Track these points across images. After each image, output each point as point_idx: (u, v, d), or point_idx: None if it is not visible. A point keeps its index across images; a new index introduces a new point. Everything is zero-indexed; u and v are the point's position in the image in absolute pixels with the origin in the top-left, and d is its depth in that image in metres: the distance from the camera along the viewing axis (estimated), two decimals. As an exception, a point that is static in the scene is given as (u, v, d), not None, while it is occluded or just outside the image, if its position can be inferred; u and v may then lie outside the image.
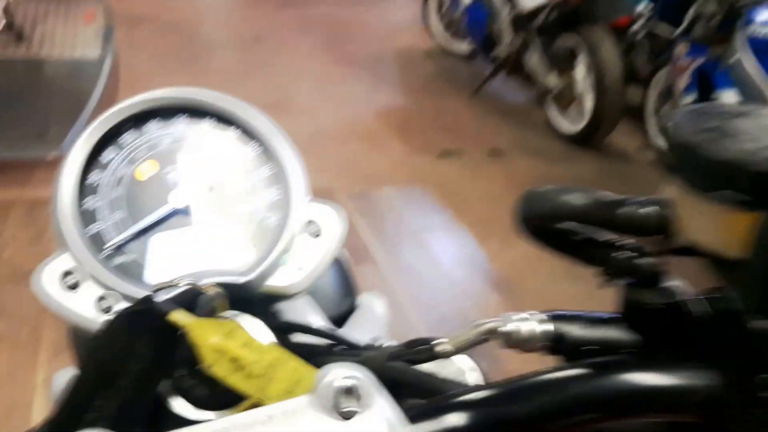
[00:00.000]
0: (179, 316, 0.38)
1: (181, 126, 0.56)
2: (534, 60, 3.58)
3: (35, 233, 2.35)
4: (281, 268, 0.53)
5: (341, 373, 0.32)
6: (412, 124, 3.64)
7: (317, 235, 0.54)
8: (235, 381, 0.37)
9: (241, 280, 0.50)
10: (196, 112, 0.56)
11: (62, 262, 0.49)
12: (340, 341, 0.50)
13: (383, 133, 3.51)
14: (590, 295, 1.80)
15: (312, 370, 0.37)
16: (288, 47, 4.48)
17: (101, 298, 0.49)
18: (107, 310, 0.49)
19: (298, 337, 0.51)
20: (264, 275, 0.52)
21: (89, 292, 0.49)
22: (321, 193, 0.54)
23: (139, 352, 0.38)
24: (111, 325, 0.39)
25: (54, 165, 0.51)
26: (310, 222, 0.54)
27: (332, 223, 0.55)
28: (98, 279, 0.49)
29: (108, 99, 2.92)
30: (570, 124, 3.45)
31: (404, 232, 2.66)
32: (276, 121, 0.55)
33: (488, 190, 2.97)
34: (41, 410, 1.70)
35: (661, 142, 3.21)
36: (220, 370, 0.37)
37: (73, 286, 0.49)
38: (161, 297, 0.40)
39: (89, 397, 0.38)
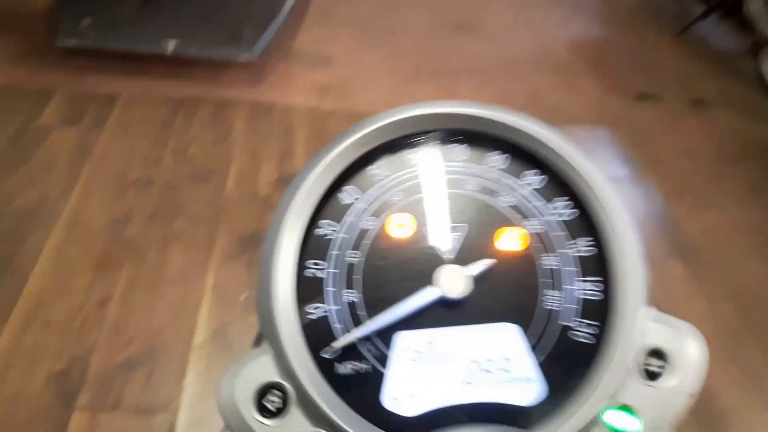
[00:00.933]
0: None
1: (458, 160, 0.41)
2: (757, 6, 3.14)
3: (220, 134, 2.39)
4: (596, 426, 0.37)
5: None
6: (607, 60, 3.35)
7: (657, 376, 0.37)
8: None
9: None
10: (480, 139, 0.41)
11: (263, 369, 0.36)
12: None
13: (575, 66, 3.25)
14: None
15: None
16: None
17: None
18: None
19: None
20: None
21: (296, 425, 0.35)
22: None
23: None
24: None
25: (244, 68, 0.40)
26: (651, 352, 0.37)
27: (687, 357, 0.38)
28: (314, 404, 0.35)
29: (302, 3, 2.90)
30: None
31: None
32: (460, 46, 0.41)
33: (685, 144, 2.68)
34: (207, 314, 1.75)
35: None
36: None
37: (277, 413, 0.35)
38: None
39: None
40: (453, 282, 0.38)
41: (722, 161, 2.62)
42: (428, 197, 0.40)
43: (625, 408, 0.36)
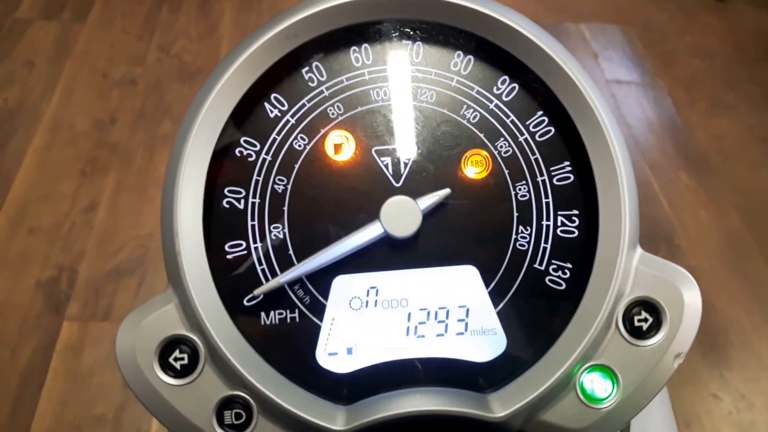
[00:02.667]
0: None
1: (412, 63, 0.32)
2: None
3: (207, 27, 2.28)
4: (568, 392, 0.30)
5: None
6: (622, -52, 3.16)
7: (643, 334, 0.30)
8: None
9: (498, 415, 0.29)
10: (439, 36, 0.32)
11: (168, 319, 0.30)
12: None
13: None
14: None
15: None
16: None
17: (226, 403, 0.29)
18: (236, 427, 0.29)
19: None
20: (538, 405, 0.30)
21: (206, 387, 0.29)
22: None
23: None
24: None
25: None
26: (635, 303, 0.31)
27: (678, 311, 0.31)
28: (227, 362, 0.29)
29: None
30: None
31: (595, 78, 2.29)
32: None
33: (703, 44, 2.55)
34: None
35: None
36: None
37: (184, 371, 0.29)
38: None
39: None
40: (400, 217, 0.31)
41: (740, 63, 2.49)
42: (374, 110, 0.33)
43: (602, 369, 0.31)
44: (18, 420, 1.30)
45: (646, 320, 0.31)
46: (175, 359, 0.30)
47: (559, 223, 0.33)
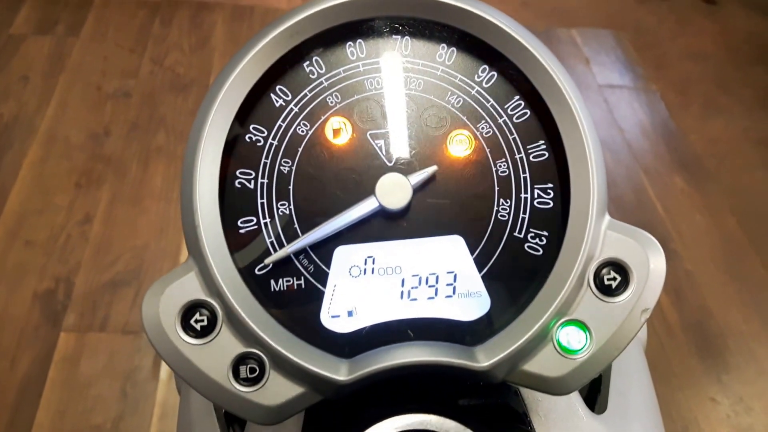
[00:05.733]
0: None
1: (401, 55, 0.37)
2: None
3: (199, 39, 2.29)
4: (545, 344, 0.34)
5: None
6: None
7: (612, 291, 0.34)
8: None
9: (483, 365, 0.34)
10: (426, 31, 0.37)
11: (188, 285, 0.34)
12: None
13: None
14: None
15: None
16: None
17: (241, 359, 0.33)
18: (251, 381, 0.33)
19: None
20: (519, 356, 0.34)
21: (223, 345, 0.34)
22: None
23: None
24: None
25: None
26: (605, 264, 0.34)
27: (644, 271, 0.34)
28: (242, 322, 0.33)
29: None
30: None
31: (587, 83, 2.35)
32: None
33: (694, 46, 2.57)
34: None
35: None
36: None
37: (204, 331, 0.33)
38: None
39: None
40: (393, 192, 0.36)
41: (732, 66, 2.51)
42: (368, 98, 0.37)
43: (576, 323, 0.35)
44: (17, 430, 1.32)
45: (614, 279, 0.34)
46: (196, 321, 0.33)
47: (535, 196, 0.37)
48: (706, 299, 1.70)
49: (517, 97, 0.37)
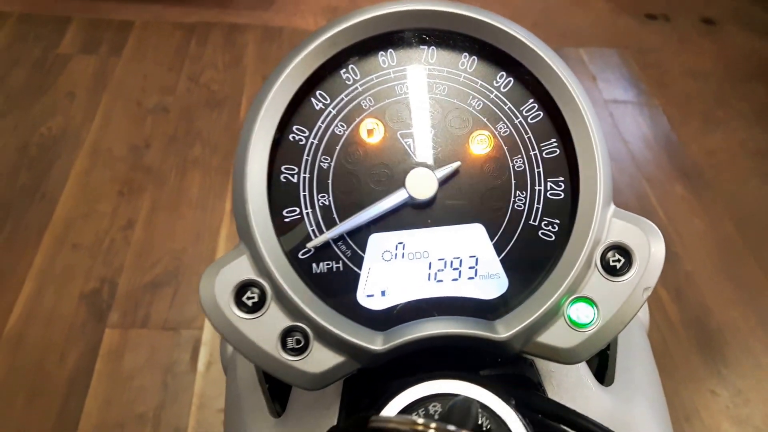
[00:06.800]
0: None
1: (428, 63, 0.40)
2: None
3: (232, 59, 2.40)
4: (558, 319, 0.38)
5: None
6: (618, -24, 3.26)
7: (617, 272, 0.38)
8: None
9: (502, 336, 0.37)
10: (450, 42, 0.40)
11: (241, 267, 0.37)
12: None
13: (585, -17, 3.18)
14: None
15: None
16: None
17: (288, 332, 0.37)
18: (297, 351, 0.37)
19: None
20: (533, 329, 0.37)
21: (272, 320, 0.37)
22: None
23: None
24: None
25: None
26: (610, 248, 0.38)
27: (645, 254, 0.37)
28: (289, 299, 0.36)
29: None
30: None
31: (594, 99, 2.43)
32: None
33: (694, 65, 2.66)
34: (227, 236, 1.81)
35: None
36: None
37: (255, 307, 0.37)
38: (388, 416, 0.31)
39: None
40: (420, 184, 0.39)
41: (730, 83, 2.59)
42: (398, 102, 0.40)
43: (585, 300, 0.37)
44: (67, 419, 1.39)
45: (619, 261, 0.37)
46: (247, 298, 0.36)
47: (548, 188, 0.40)
48: (705, 298, 1.77)
49: (531, 100, 0.40)
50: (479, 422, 0.34)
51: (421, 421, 0.29)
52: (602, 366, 0.47)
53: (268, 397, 0.47)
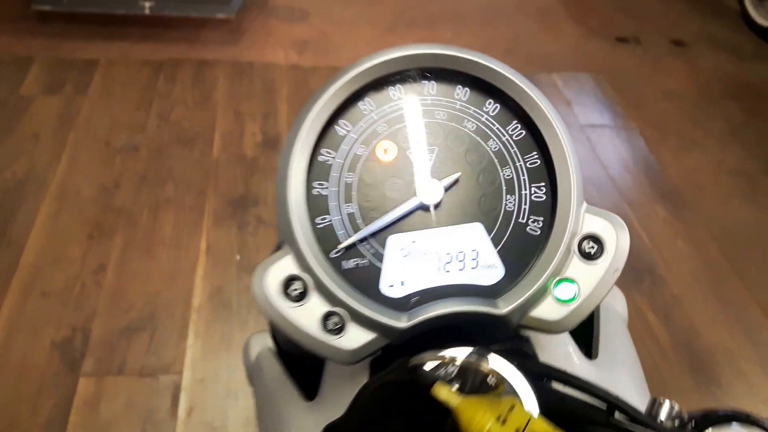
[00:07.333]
0: (447, 394, 0.37)
1: (430, 94, 0.49)
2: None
3: (202, 95, 2.39)
4: (546, 296, 0.46)
5: None
6: (586, 2, 3.33)
7: (592, 257, 0.46)
8: None
9: (502, 311, 0.45)
10: (447, 77, 0.49)
11: (286, 265, 0.45)
12: (617, 405, 0.43)
13: (555, 10, 3.24)
14: (764, 219, 1.65)
15: None
16: None
17: (328, 316, 0.45)
18: (336, 331, 0.44)
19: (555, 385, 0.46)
20: (527, 305, 0.46)
21: (314, 307, 0.45)
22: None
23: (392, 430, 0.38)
24: (364, 395, 0.40)
25: (222, 25, 0.44)
26: (585, 237, 0.46)
27: (613, 241, 0.46)
28: (326, 291, 0.44)
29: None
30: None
31: (569, 123, 2.41)
32: None
33: (667, 86, 2.71)
34: (203, 277, 1.78)
35: None
36: None
37: (299, 297, 0.45)
38: (423, 365, 0.39)
39: None
40: (429, 192, 0.47)
41: (705, 102, 2.64)
42: (407, 126, 0.48)
43: (568, 280, 0.45)
44: None
45: (593, 248, 0.46)
46: (293, 290, 0.44)
47: (532, 192, 0.48)
48: (693, 320, 1.78)
49: (515, 121, 0.48)
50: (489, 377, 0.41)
51: (449, 354, 0.40)
52: (587, 345, 0.58)
53: (297, 386, 0.59)
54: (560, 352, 0.54)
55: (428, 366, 0.40)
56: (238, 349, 1.60)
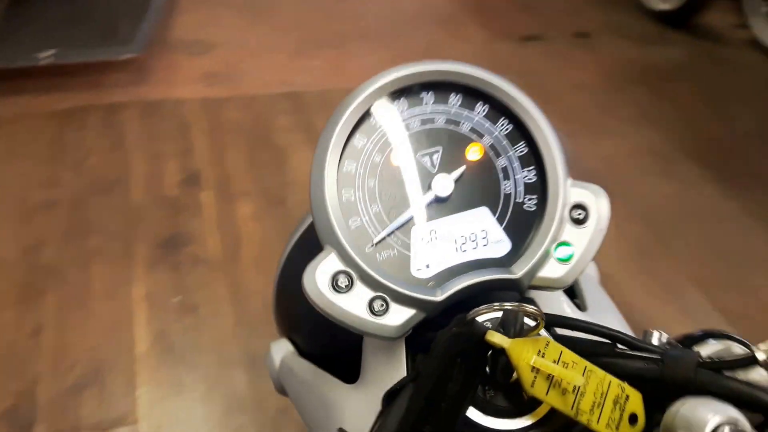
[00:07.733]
0: (499, 337, 0.44)
1: (429, 104, 0.56)
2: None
3: (115, 140, 2.33)
4: (549, 259, 0.53)
5: (720, 419, 0.38)
6: (489, 5, 3.45)
7: (581, 222, 0.53)
8: (552, 399, 0.41)
9: (517, 275, 0.52)
10: (442, 87, 0.56)
11: (332, 263, 0.51)
12: (619, 338, 0.49)
13: (459, 17, 3.34)
14: (684, 194, 1.72)
15: (624, 385, 0.43)
16: None
17: (373, 300, 0.51)
18: (380, 313, 0.51)
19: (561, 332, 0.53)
20: (535, 268, 0.53)
21: (360, 294, 0.51)
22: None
23: (456, 376, 0.45)
24: (436, 349, 0.46)
25: (128, 66, 0.44)
26: (573, 207, 0.53)
27: (596, 207, 0.53)
28: (370, 279, 0.50)
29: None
30: (663, 1, 3.26)
31: None
32: (340, 12, 0.50)
33: (575, 78, 2.81)
34: (144, 323, 1.74)
35: (756, 21, 3.00)
36: (538, 389, 0.42)
37: (346, 289, 0.51)
38: (478, 318, 0.45)
39: (419, 421, 0.45)
40: (441, 185, 0.53)
41: (612, 90, 2.76)
42: (414, 133, 0.54)
43: (564, 243, 0.53)
44: None
45: (581, 215, 0.53)
46: (340, 283, 0.50)
47: (525, 175, 0.55)
48: (626, 295, 1.85)
49: (503, 118, 0.56)
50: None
51: (497, 303, 0.45)
52: (578, 299, 0.67)
53: (333, 378, 0.68)
54: (558, 308, 0.62)
55: (481, 319, 0.47)
56: (191, 390, 1.58)
